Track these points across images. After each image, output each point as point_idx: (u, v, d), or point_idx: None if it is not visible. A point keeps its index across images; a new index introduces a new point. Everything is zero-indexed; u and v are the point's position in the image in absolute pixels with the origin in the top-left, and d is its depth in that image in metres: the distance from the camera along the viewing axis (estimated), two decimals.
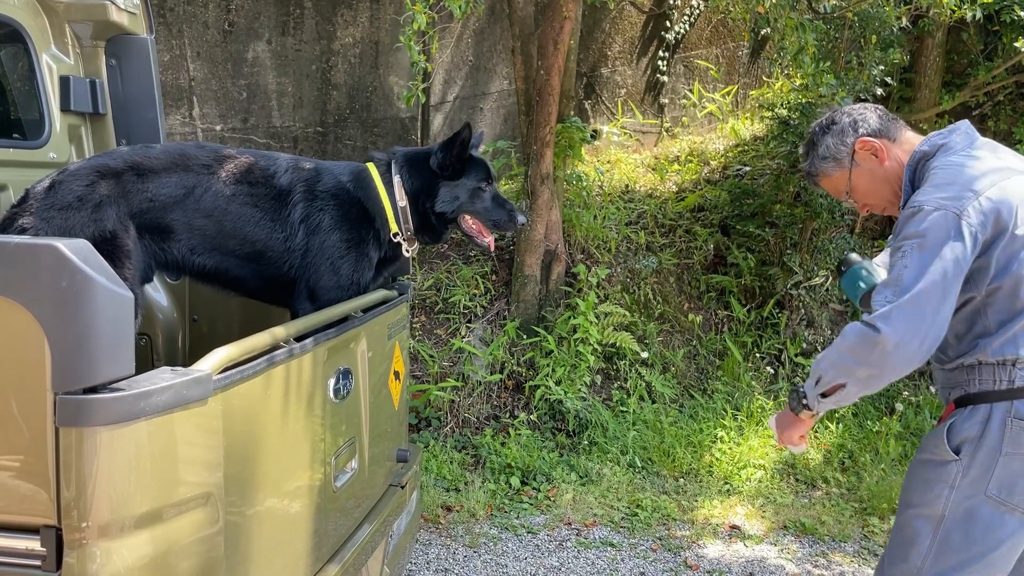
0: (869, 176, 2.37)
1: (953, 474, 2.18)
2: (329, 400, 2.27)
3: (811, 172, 2.47)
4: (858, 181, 2.39)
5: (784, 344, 6.16)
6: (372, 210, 2.74)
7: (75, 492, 1.45)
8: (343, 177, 2.75)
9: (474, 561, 4.12)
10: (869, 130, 2.36)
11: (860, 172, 2.37)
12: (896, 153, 2.34)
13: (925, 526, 2.22)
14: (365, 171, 2.79)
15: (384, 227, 2.75)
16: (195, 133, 6.67)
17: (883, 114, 2.40)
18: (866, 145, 2.34)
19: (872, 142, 2.34)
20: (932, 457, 2.24)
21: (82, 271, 1.43)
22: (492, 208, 2.87)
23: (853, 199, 2.44)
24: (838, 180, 2.42)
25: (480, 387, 5.49)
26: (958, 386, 2.25)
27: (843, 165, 2.38)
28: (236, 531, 1.82)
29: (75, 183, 2.42)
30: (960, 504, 2.17)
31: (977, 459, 2.15)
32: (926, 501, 2.22)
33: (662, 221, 6.81)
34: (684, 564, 4.18)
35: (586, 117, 7.98)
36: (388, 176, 2.77)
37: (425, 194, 2.79)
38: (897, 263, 2.11)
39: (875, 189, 2.39)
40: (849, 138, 2.36)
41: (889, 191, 2.38)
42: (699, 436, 5.42)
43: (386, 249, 2.81)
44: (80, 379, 1.44)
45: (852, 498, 4.96)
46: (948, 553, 2.19)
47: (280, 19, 6.84)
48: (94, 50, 3.15)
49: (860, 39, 5.96)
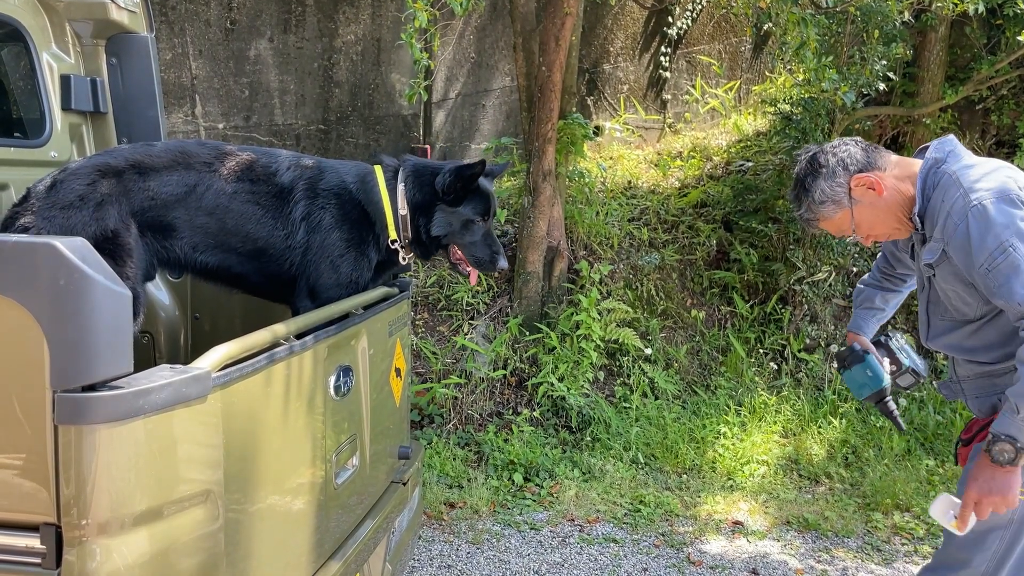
0: (871, 209, 2.34)
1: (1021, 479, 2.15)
2: (330, 397, 2.27)
3: (808, 218, 2.43)
4: (861, 216, 2.36)
5: (787, 340, 6.16)
6: (373, 214, 2.73)
7: (74, 490, 1.45)
8: (347, 177, 2.74)
9: (477, 558, 4.12)
10: (859, 166, 2.33)
11: (862, 208, 2.34)
12: (890, 182, 2.32)
13: (995, 530, 2.20)
14: (371, 174, 2.77)
15: (383, 232, 2.75)
16: (198, 131, 6.68)
17: (865, 146, 2.38)
18: (861, 181, 2.31)
19: (866, 177, 2.31)
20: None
21: (80, 269, 1.43)
22: (479, 244, 2.81)
23: (858, 234, 2.41)
24: (840, 220, 2.38)
25: (483, 384, 5.49)
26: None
27: (843, 205, 2.35)
28: (237, 528, 1.83)
29: (76, 182, 2.42)
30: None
31: None
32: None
33: (665, 217, 6.80)
34: (687, 560, 4.18)
35: (588, 113, 7.97)
36: (393, 183, 2.76)
37: (423, 211, 2.77)
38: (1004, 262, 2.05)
39: (880, 220, 2.36)
40: (841, 178, 2.33)
41: (893, 219, 2.35)
42: (702, 432, 5.42)
43: (384, 253, 2.81)
44: (79, 377, 1.44)
45: (855, 493, 4.96)
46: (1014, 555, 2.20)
47: (282, 17, 6.84)
48: (95, 49, 3.14)
49: (862, 33, 5.94)
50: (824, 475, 5.16)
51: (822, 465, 5.23)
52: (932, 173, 2.25)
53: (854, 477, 5.12)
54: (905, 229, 2.37)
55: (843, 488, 5.04)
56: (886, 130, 6.91)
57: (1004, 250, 2.05)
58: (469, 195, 2.77)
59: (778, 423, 5.54)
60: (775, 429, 5.49)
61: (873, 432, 5.47)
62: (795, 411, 5.65)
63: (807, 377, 5.99)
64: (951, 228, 2.14)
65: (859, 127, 6.65)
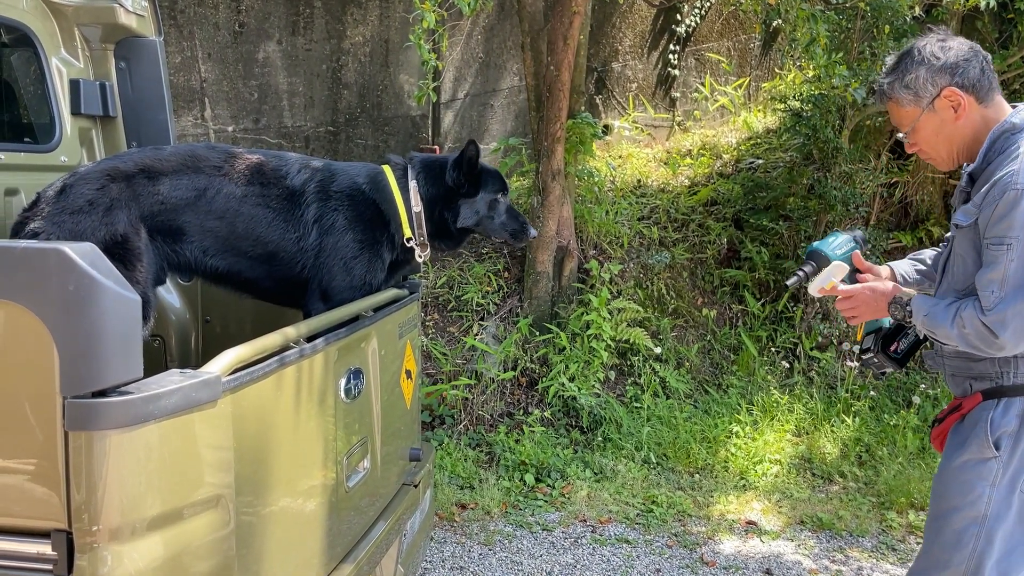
0: (938, 126, 2.24)
1: (994, 472, 2.16)
2: (340, 400, 2.27)
3: (885, 91, 2.29)
4: (925, 126, 2.25)
5: (799, 338, 6.12)
6: (387, 213, 2.74)
7: (85, 496, 1.45)
8: (359, 178, 2.75)
9: (489, 559, 4.11)
10: (964, 81, 2.18)
11: (931, 119, 2.23)
12: (974, 116, 2.20)
13: (970, 528, 2.19)
14: (381, 173, 2.78)
15: (398, 231, 2.75)
16: (207, 134, 6.69)
17: (984, 68, 2.21)
18: (952, 97, 2.19)
19: (960, 96, 2.18)
20: (971, 456, 2.20)
21: (89, 275, 1.43)
22: (508, 220, 2.96)
23: (908, 138, 2.32)
24: (906, 115, 2.27)
25: (493, 384, 5.48)
26: (986, 378, 2.22)
27: (920, 104, 2.23)
28: (249, 532, 1.82)
29: (86, 187, 2.42)
30: (1002, 501, 2.15)
31: (1016, 454, 2.13)
32: (968, 503, 2.19)
33: (675, 216, 6.78)
34: (700, 560, 4.16)
35: (597, 112, 7.95)
36: (404, 181, 2.77)
37: (442, 205, 2.82)
38: (1000, 253, 2.05)
39: (935, 141, 2.27)
40: (940, 80, 2.19)
41: (946, 149, 2.27)
42: (714, 431, 5.39)
43: (399, 253, 2.81)
44: (88, 383, 1.44)
45: (869, 492, 4.92)
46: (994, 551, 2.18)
47: (290, 19, 6.85)
48: (103, 53, 3.16)
49: (873, 29, 5.90)
50: (838, 474, 5.13)
51: (835, 464, 5.19)
52: (1004, 138, 2.16)
53: (868, 476, 5.08)
54: (948, 165, 2.31)
55: (857, 487, 5.01)
56: None
57: (1007, 243, 2.04)
58: (479, 180, 2.84)
59: (791, 422, 5.51)
60: (788, 428, 5.46)
61: (887, 430, 5.43)
62: (808, 409, 5.62)
63: (819, 375, 5.96)
64: (989, 199, 2.08)
65: (870, 123, 6.61)
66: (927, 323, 2.19)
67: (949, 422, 2.34)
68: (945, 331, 2.14)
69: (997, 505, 2.16)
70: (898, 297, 2.30)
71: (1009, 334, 2.03)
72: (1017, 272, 2.02)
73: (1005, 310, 2.02)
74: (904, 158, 6.90)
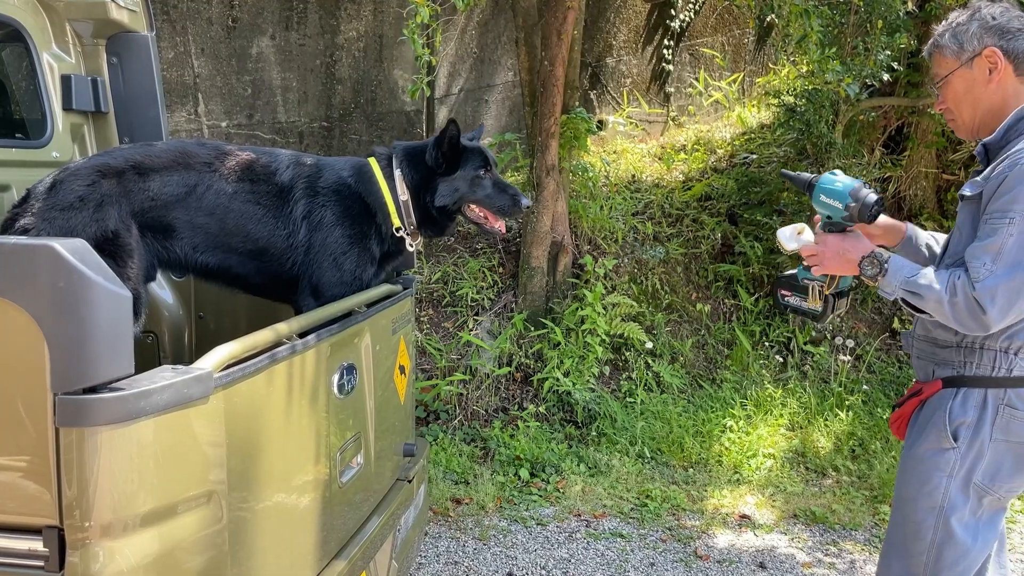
0: (969, 85, 2.19)
1: (952, 463, 2.17)
2: (333, 396, 2.27)
3: (936, 41, 2.25)
4: (957, 81, 2.21)
5: (793, 332, 6.14)
6: (374, 205, 2.73)
7: (77, 492, 1.45)
8: (344, 172, 2.74)
9: (484, 554, 4.12)
10: (1009, 47, 2.14)
11: (965, 75, 2.19)
12: (1007, 85, 2.16)
13: (927, 519, 2.21)
14: (366, 166, 2.78)
15: (386, 222, 2.75)
16: (201, 130, 6.68)
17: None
18: (992, 57, 2.14)
19: (999, 59, 2.14)
20: (930, 447, 2.21)
21: (79, 271, 1.42)
22: (495, 195, 2.84)
23: (939, 91, 2.28)
24: (945, 64, 2.22)
25: (488, 380, 5.48)
26: (948, 365, 2.23)
27: (960, 57, 2.19)
28: (242, 528, 1.82)
29: (76, 183, 2.41)
30: (958, 493, 2.17)
31: (974, 446, 2.15)
32: (925, 494, 2.21)
33: (669, 211, 6.79)
34: (694, 554, 4.18)
35: (591, 107, 7.95)
36: (389, 170, 2.76)
37: (425, 188, 2.78)
38: (1000, 226, 2.00)
39: (960, 101, 2.23)
40: (988, 39, 2.15)
41: (969, 113, 2.23)
42: (708, 426, 5.41)
43: (389, 244, 2.80)
44: (79, 379, 1.44)
45: (863, 486, 4.94)
46: (953, 544, 2.19)
47: (283, 14, 6.83)
48: (95, 48, 3.14)
49: (866, 24, 5.91)
50: (831, 468, 5.14)
51: (829, 458, 5.21)
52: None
53: (861, 469, 5.10)
54: (967, 131, 2.27)
55: (850, 481, 5.02)
56: (891, 121, 6.88)
57: (1009, 217, 2.00)
58: (460, 157, 2.79)
59: (784, 416, 5.52)
60: (781, 422, 5.48)
61: (880, 424, 5.45)
62: (801, 404, 5.63)
63: (813, 370, 5.97)
64: (999, 172, 2.06)
65: (864, 118, 6.62)
66: (909, 287, 2.10)
67: (909, 407, 2.34)
68: (936, 298, 2.05)
69: (954, 496, 2.17)
70: (876, 252, 2.19)
71: (996, 311, 1.98)
72: (1013, 249, 1.98)
73: (996, 285, 1.98)
74: (897, 153, 6.93)
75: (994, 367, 2.14)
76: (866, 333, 6.31)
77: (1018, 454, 2.14)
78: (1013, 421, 2.12)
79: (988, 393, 2.14)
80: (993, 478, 2.15)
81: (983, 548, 2.22)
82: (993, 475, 2.15)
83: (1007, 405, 2.12)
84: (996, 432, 2.13)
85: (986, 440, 2.13)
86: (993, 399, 2.13)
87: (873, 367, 6.03)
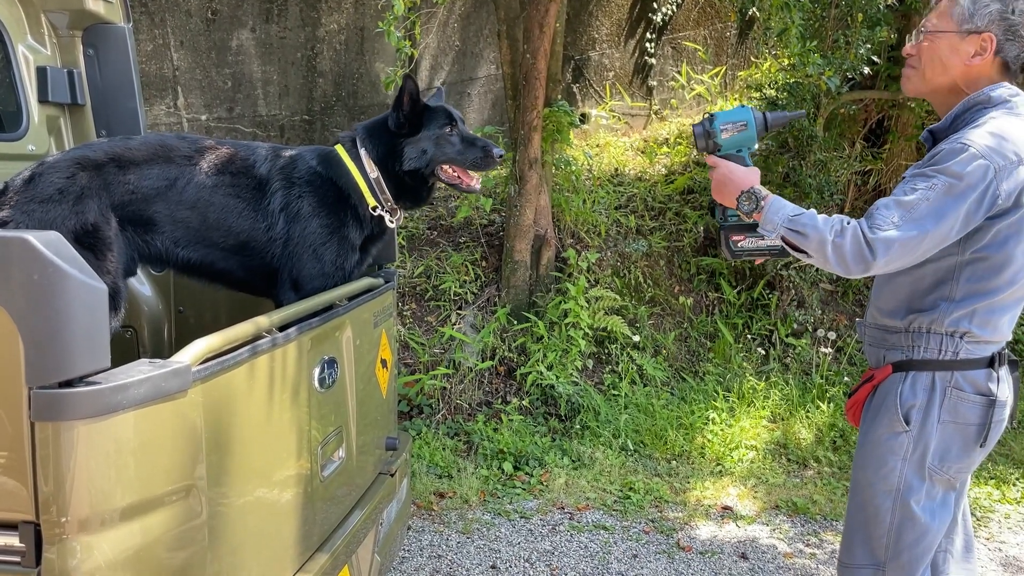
0: (951, 52, 2.17)
1: (905, 446, 2.21)
2: (314, 389, 2.26)
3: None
4: (938, 45, 2.19)
5: (775, 325, 6.17)
6: (346, 188, 2.71)
7: (53, 487, 1.44)
8: (313, 162, 2.73)
9: (467, 547, 4.12)
10: (1004, 46, 2.13)
11: (954, 41, 2.16)
12: (982, 71, 2.15)
13: (885, 502, 2.24)
14: (332, 152, 2.77)
15: (361, 203, 2.73)
16: (180, 123, 6.62)
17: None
18: (986, 41, 2.13)
19: (990, 50, 2.13)
20: (884, 431, 2.25)
21: (53, 264, 1.41)
22: (464, 150, 2.78)
23: (923, 39, 2.23)
24: (945, 22, 2.19)
25: (471, 374, 5.48)
26: (898, 349, 2.26)
27: (961, 26, 2.15)
28: (221, 522, 1.81)
29: (55, 175, 2.39)
30: (914, 475, 2.21)
31: (926, 428, 2.18)
32: (881, 477, 2.25)
33: (652, 204, 6.80)
34: (677, 546, 4.20)
35: (574, 101, 7.95)
36: (355, 151, 2.75)
37: (392, 158, 2.75)
38: (920, 187, 2.02)
39: (934, 59, 2.20)
40: (994, 28, 2.12)
41: (932, 74, 2.21)
42: (691, 418, 5.43)
43: (369, 226, 2.79)
44: (54, 373, 1.42)
45: (843, 477, 4.98)
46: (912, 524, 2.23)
47: (264, 6, 6.78)
48: (71, 40, 3.10)
49: (847, 17, 5.94)
50: (812, 459, 5.18)
51: (810, 449, 5.25)
52: (976, 109, 2.14)
53: (842, 461, 5.14)
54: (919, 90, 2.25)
55: (831, 472, 5.06)
56: (871, 114, 6.92)
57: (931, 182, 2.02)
58: (423, 117, 2.75)
59: (766, 408, 5.56)
60: (763, 414, 5.51)
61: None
62: (783, 396, 5.67)
63: (795, 362, 6.01)
64: (937, 150, 2.08)
65: (844, 111, 6.66)
66: (793, 224, 2.08)
67: (862, 393, 2.37)
68: (820, 238, 2.03)
69: (909, 478, 2.20)
70: (755, 189, 2.18)
71: (884, 260, 1.99)
72: (926, 211, 1.99)
73: (896, 239, 1.98)
74: (878, 146, 6.97)
75: (941, 350, 2.18)
76: (847, 325, 6.35)
77: (966, 435, 2.18)
78: (960, 403, 2.16)
79: (936, 376, 2.18)
80: (943, 459, 2.19)
81: (940, 527, 2.25)
82: (943, 455, 2.19)
83: (954, 387, 2.16)
84: (944, 414, 2.17)
85: (935, 422, 2.17)
86: (941, 381, 2.17)
87: (854, 359, 6.07)
